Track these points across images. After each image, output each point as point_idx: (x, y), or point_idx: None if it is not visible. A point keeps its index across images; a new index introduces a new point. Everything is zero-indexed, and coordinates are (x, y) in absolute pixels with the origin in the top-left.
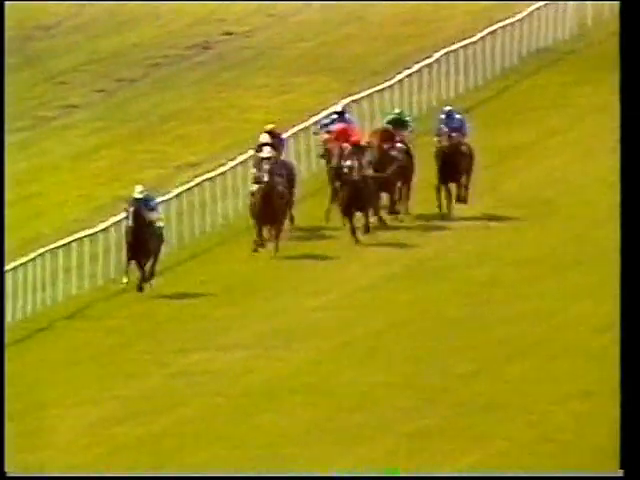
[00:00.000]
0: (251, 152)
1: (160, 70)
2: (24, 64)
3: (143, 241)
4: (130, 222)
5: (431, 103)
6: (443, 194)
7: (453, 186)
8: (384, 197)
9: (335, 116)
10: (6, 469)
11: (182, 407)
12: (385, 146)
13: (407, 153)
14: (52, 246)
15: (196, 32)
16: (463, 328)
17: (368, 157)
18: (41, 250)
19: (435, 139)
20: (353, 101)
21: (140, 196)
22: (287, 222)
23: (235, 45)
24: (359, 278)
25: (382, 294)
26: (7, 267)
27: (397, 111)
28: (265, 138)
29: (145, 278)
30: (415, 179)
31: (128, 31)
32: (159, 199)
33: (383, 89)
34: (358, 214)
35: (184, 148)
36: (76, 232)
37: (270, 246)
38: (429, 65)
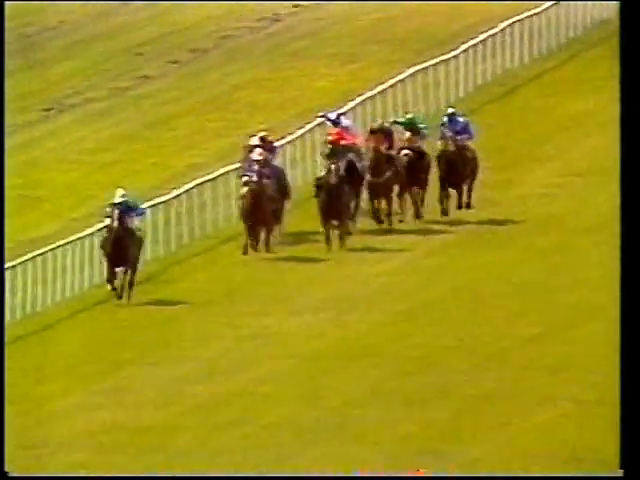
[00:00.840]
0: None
1: (231, 41)
2: (103, 37)
3: (124, 248)
4: (113, 229)
5: (496, 72)
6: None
7: (455, 191)
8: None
9: (329, 124)
10: (6, 469)
11: (255, 368)
12: (382, 148)
13: (420, 157)
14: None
15: (266, 6)
16: (528, 293)
17: (347, 159)
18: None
19: (439, 143)
20: (419, 70)
21: (121, 200)
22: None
23: (304, 17)
24: (422, 245)
25: (445, 260)
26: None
27: (409, 116)
28: (255, 141)
29: (127, 286)
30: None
31: (201, 5)
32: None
33: (449, 59)
34: (334, 221)
35: (255, 116)
36: (151, 200)
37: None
38: (494, 35)
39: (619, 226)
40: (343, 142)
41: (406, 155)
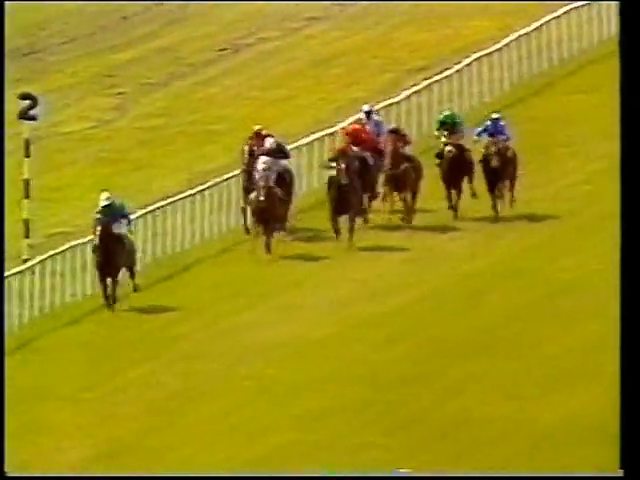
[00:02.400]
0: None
1: None
2: None
3: (112, 256)
4: (97, 240)
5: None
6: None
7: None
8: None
9: (363, 116)
10: (6, 469)
11: (414, 288)
12: (399, 147)
13: (461, 152)
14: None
15: None
16: None
17: (356, 162)
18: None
19: (483, 143)
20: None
21: (106, 203)
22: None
23: None
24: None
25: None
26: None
27: (447, 113)
28: (267, 144)
29: (113, 293)
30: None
31: None
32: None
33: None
34: (343, 218)
35: (413, 53)
36: (317, 132)
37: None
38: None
39: None
40: (350, 150)
41: (450, 151)
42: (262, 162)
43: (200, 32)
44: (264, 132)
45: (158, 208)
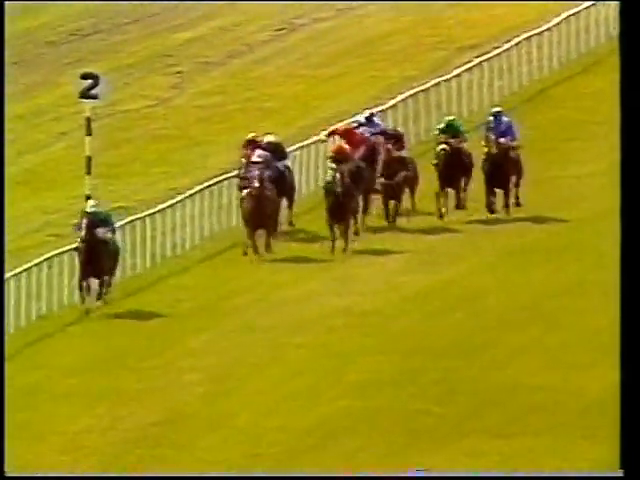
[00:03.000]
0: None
1: None
2: None
3: (96, 259)
4: (83, 238)
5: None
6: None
7: (501, 192)
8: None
9: (363, 120)
10: (6, 469)
11: (464, 262)
12: (394, 151)
13: (462, 157)
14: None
15: None
16: None
17: (350, 166)
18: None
19: (483, 144)
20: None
21: (92, 210)
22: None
23: None
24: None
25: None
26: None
27: (450, 118)
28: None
29: (99, 295)
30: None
31: None
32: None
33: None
34: (340, 223)
35: (464, 32)
36: (370, 108)
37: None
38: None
39: None
40: (345, 153)
41: (443, 150)
42: (257, 155)
43: (256, 12)
44: (259, 139)
45: (215, 183)
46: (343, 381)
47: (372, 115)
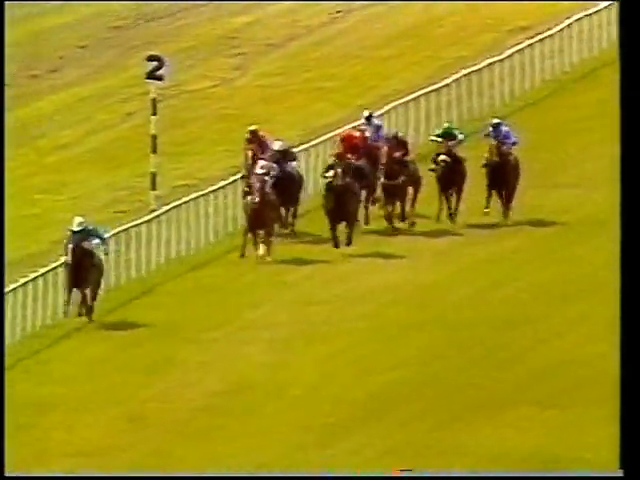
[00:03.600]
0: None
1: None
2: None
3: (83, 271)
4: (69, 257)
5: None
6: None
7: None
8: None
9: (364, 121)
10: (6, 469)
11: (514, 237)
12: (395, 154)
13: (455, 162)
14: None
15: None
16: None
17: (351, 165)
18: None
19: (485, 152)
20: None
21: (78, 229)
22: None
23: None
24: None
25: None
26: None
27: (446, 125)
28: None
29: (87, 308)
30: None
31: None
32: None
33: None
34: (342, 225)
35: (516, 14)
36: (423, 88)
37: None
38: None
39: None
40: (345, 158)
41: (443, 161)
42: (260, 167)
43: None
44: (261, 133)
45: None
46: (397, 353)
47: (371, 115)
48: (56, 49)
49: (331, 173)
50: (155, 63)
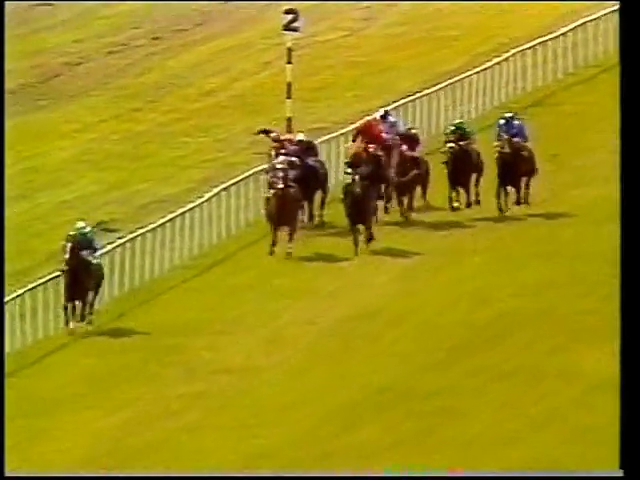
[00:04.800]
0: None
1: None
2: None
3: (80, 280)
4: (67, 261)
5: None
6: (503, 196)
7: (513, 189)
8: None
9: (379, 118)
10: (6, 469)
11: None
12: (407, 153)
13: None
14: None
15: None
16: None
17: (367, 169)
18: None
19: (495, 144)
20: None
21: (77, 232)
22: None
23: None
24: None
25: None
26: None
27: (457, 122)
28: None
29: (83, 317)
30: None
31: None
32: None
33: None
34: (360, 226)
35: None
36: (543, 36)
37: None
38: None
39: None
40: (361, 158)
41: (451, 149)
42: (280, 162)
43: None
44: (287, 136)
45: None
46: (516, 282)
47: (387, 113)
48: (202, 4)
49: (349, 170)
50: (291, 16)
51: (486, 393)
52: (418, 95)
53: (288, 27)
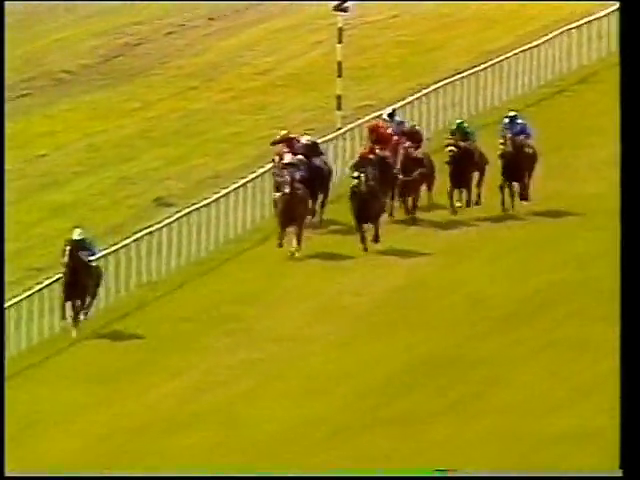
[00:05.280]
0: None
1: None
2: None
3: (79, 281)
4: (66, 261)
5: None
6: (506, 193)
7: (516, 185)
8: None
9: (386, 117)
10: (6, 469)
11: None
12: (411, 152)
13: (465, 154)
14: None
15: None
16: None
17: (374, 170)
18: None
19: (499, 142)
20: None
21: (78, 238)
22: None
23: None
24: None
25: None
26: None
27: (458, 121)
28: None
29: (78, 318)
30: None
31: None
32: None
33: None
34: (368, 225)
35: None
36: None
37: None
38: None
39: None
40: (372, 156)
41: (451, 151)
42: (286, 160)
43: None
44: (292, 138)
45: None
46: (561, 253)
47: (394, 112)
48: None
49: (356, 174)
50: None
51: (531, 362)
52: (466, 73)
53: (338, 7)
